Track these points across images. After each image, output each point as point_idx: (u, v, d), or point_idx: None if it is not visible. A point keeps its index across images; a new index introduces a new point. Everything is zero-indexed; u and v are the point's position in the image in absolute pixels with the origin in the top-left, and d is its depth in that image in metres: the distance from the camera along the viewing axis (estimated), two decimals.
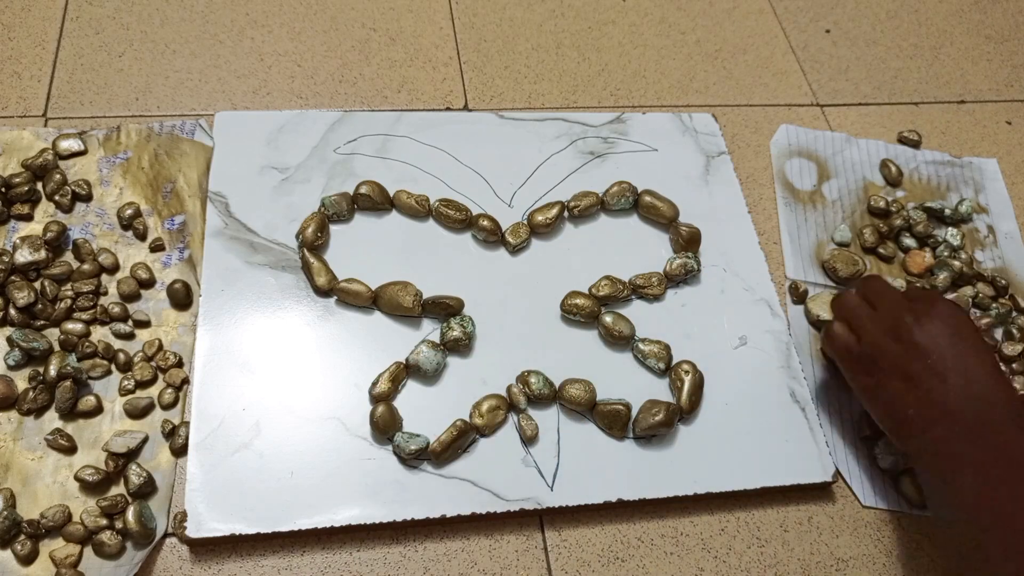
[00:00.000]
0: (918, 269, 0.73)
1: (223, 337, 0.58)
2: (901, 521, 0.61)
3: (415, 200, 0.67)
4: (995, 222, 0.80)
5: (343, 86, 0.75)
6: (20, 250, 0.58)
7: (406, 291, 0.61)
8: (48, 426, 0.54)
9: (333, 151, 0.69)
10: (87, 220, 0.63)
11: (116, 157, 0.66)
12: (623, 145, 0.75)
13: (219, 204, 0.64)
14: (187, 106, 0.71)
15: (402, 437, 0.56)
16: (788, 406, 0.63)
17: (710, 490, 0.58)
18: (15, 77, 0.70)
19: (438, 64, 0.79)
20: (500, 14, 0.84)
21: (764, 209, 0.76)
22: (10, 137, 0.66)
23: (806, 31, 0.91)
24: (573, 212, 0.69)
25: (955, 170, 0.82)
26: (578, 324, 0.64)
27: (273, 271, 0.62)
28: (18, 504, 0.52)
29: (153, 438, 0.55)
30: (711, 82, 0.84)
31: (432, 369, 0.59)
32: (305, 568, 0.53)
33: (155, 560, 0.52)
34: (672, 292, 0.67)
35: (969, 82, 0.90)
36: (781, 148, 0.80)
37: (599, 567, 0.56)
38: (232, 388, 0.57)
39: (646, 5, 0.89)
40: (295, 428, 0.56)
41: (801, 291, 0.70)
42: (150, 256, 0.62)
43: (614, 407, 0.59)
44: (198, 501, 0.52)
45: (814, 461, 0.61)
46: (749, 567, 0.57)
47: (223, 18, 0.78)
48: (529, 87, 0.79)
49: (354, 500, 0.54)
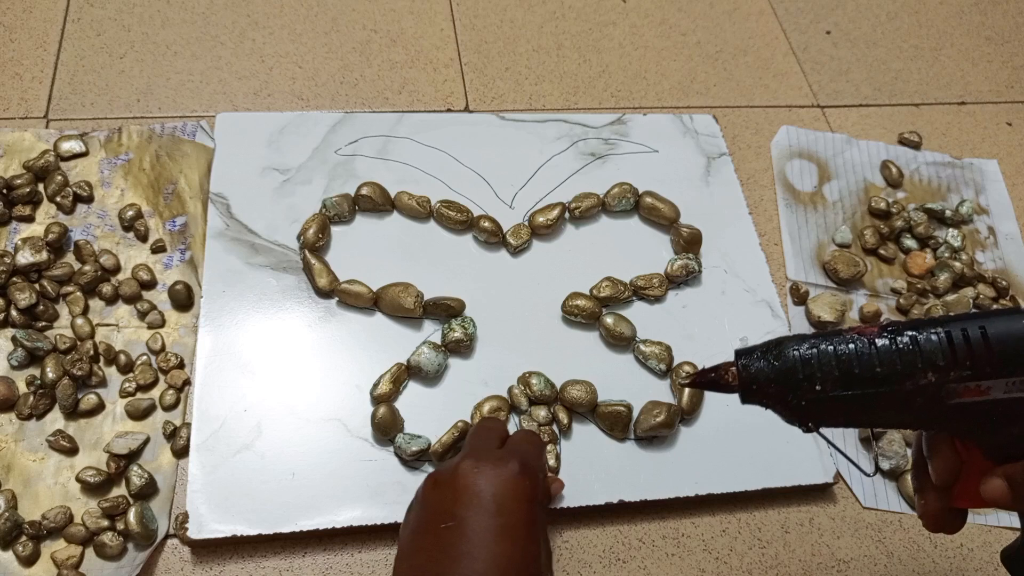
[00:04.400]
0: (919, 270, 0.73)
1: (224, 338, 0.59)
2: (902, 522, 0.61)
3: (416, 201, 0.67)
4: (996, 223, 0.80)
5: (344, 87, 0.75)
6: (22, 251, 0.58)
7: (407, 292, 0.61)
8: (49, 427, 0.54)
9: (334, 152, 0.69)
10: (88, 221, 0.63)
11: (117, 158, 0.66)
12: (624, 146, 0.75)
13: (220, 205, 0.64)
14: (188, 107, 0.71)
15: (403, 438, 0.56)
16: None
17: (711, 491, 0.58)
18: (16, 79, 0.70)
19: (439, 65, 0.79)
20: (501, 16, 0.84)
21: (765, 210, 0.76)
22: (12, 139, 0.66)
23: (807, 32, 0.91)
24: (574, 213, 0.69)
25: (956, 171, 0.82)
26: (579, 325, 0.64)
27: (274, 272, 0.62)
28: (19, 505, 0.52)
29: (154, 439, 0.55)
30: (712, 83, 0.84)
31: (433, 370, 0.59)
32: (306, 569, 0.53)
33: (156, 561, 0.52)
34: (673, 293, 0.67)
35: (970, 83, 0.91)
36: (782, 149, 0.80)
37: (600, 568, 0.56)
38: (233, 389, 0.57)
39: (647, 6, 0.89)
40: (296, 429, 0.56)
41: (802, 292, 0.70)
42: (151, 257, 0.62)
43: (615, 408, 0.59)
44: (199, 502, 0.52)
45: (815, 462, 0.61)
46: (751, 568, 0.57)
47: (224, 20, 0.78)
48: (530, 88, 0.79)
49: (355, 501, 0.54)
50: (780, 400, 0.39)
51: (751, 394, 0.40)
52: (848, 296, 0.71)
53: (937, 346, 0.37)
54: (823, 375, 0.38)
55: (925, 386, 0.37)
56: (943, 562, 0.60)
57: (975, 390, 0.37)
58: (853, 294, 0.72)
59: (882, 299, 0.72)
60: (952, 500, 0.42)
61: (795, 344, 0.39)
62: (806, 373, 0.38)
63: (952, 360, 0.37)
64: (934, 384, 0.37)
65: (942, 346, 0.37)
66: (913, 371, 0.37)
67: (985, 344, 0.37)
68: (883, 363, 0.37)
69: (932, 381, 0.37)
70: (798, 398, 0.39)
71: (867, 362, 0.38)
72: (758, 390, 0.39)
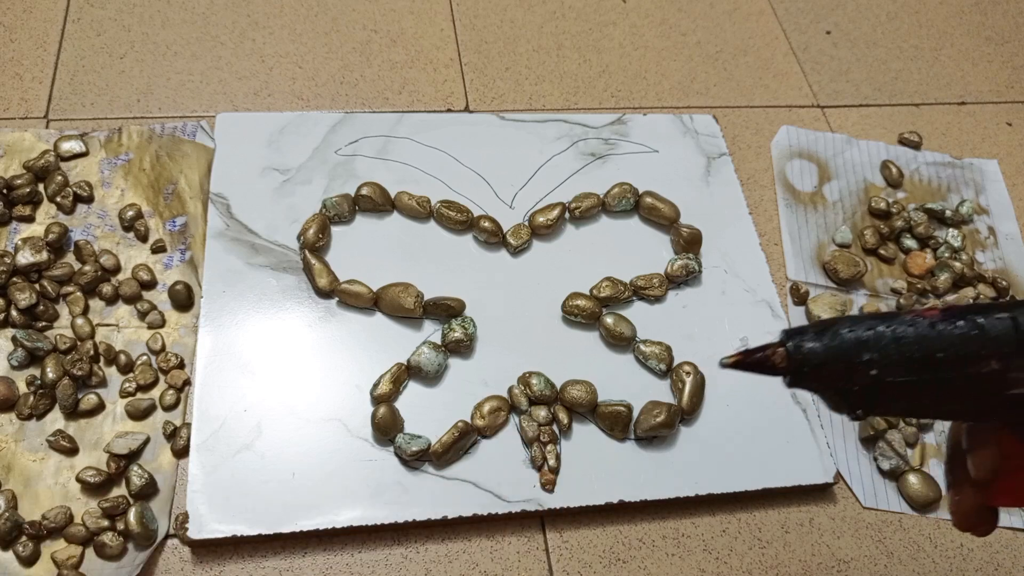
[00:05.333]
0: (919, 270, 0.73)
1: (224, 338, 0.59)
2: (902, 522, 0.61)
3: (416, 201, 0.67)
4: (996, 223, 0.80)
5: (344, 87, 0.75)
6: (22, 252, 0.58)
7: (407, 292, 0.61)
8: (50, 427, 0.54)
9: (334, 152, 0.69)
10: (88, 222, 0.63)
11: (117, 159, 0.66)
12: (624, 146, 0.75)
13: (220, 205, 0.64)
14: (188, 107, 0.71)
15: (403, 438, 0.56)
16: (789, 407, 0.63)
17: (711, 491, 0.58)
18: (17, 79, 0.70)
19: (439, 66, 0.79)
20: (501, 16, 0.84)
21: (765, 210, 0.76)
22: (12, 139, 0.66)
23: (807, 32, 0.91)
24: (574, 213, 0.69)
25: (956, 171, 0.82)
26: (579, 325, 0.64)
27: (274, 272, 0.62)
28: (20, 505, 0.52)
29: (154, 439, 0.55)
30: (712, 83, 0.84)
31: (433, 370, 0.59)
32: (307, 569, 0.53)
33: (156, 561, 0.52)
34: (673, 293, 0.67)
35: (969, 83, 0.91)
36: (782, 149, 0.80)
37: (600, 568, 0.56)
38: (233, 389, 0.57)
39: (647, 7, 0.89)
40: (296, 429, 0.56)
41: (802, 292, 0.70)
42: (151, 257, 0.62)
43: (615, 408, 0.59)
44: (199, 502, 0.52)
45: (815, 462, 0.61)
46: (751, 568, 0.57)
47: (224, 20, 0.78)
48: (530, 88, 0.79)
49: (355, 501, 0.54)
50: (832, 385, 0.37)
51: (801, 377, 0.37)
52: (848, 296, 0.71)
53: (1004, 331, 0.35)
54: (880, 359, 0.36)
55: (987, 374, 0.35)
56: (943, 562, 0.60)
57: None
58: (853, 294, 0.72)
59: (882, 299, 0.72)
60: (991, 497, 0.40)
61: (850, 325, 0.37)
62: (861, 356, 0.36)
63: (1019, 347, 0.35)
64: (997, 372, 0.35)
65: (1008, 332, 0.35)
66: (977, 358, 0.35)
67: None
68: (945, 348, 0.35)
69: (996, 369, 0.35)
70: (851, 383, 0.36)
71: (928, 346, 0.36)
72: (809, 373, 0.37)
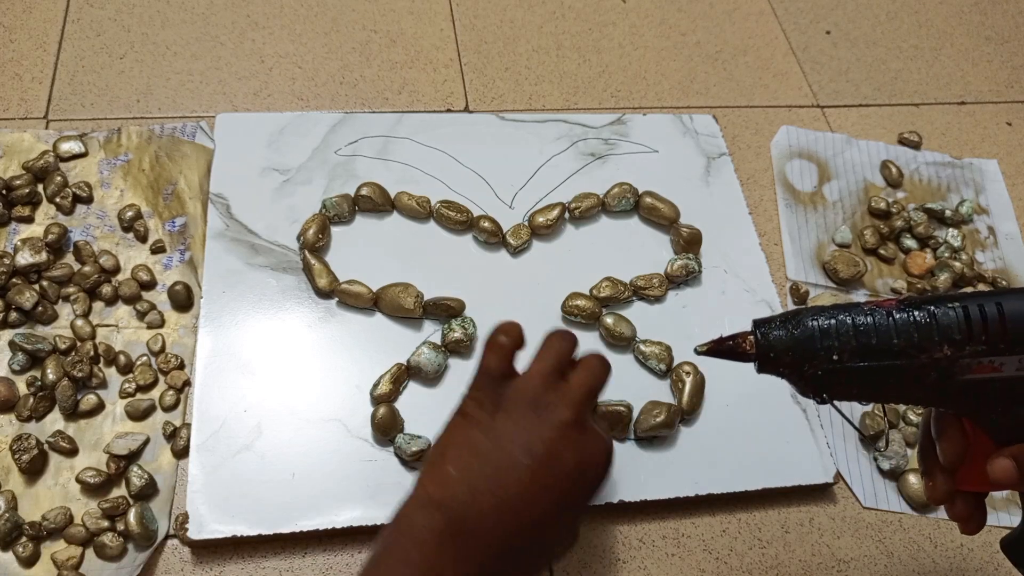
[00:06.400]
0: (919, 270, 0.73)
1: (224, 339, 0.58)
2: (902, 522, 0.61)
3: (416, 202, 0.67)
4: (996, 223, 0.80)
5: (344, 88, 0.75)
6: (21, 252, 0.58)
7: (407, 292, 0.61)
8: (49, 428, 0.54)
9: (334, 153, 0.69)
10: (88, 222, 0.63)
11: (117, 159, 0.66)
12: (624, 146, 0.75)
13: (220, 206, 0.64)
14: (188, 108, 0.71)
15: (403, 439, 0.56)
16: (789, 407, 0.63)
17: (711, 491, 0.58)
18: (16, 79, 0.70)
19: (439, 66, 0.79)
20: (501, 16, 0.84)
21: (765, 210, 0.76)
22: (11, 139, 0.66)
23: (806, 32, 0.91)
24: (574, 213, 0.69)
25: (955, 171, 0.82)
26: (579, 325, 0.64)
27: (274, 273, 0.62)
28: (20, 506, 0.52)
29: (154, 440, 0.55)
30: (712, 83, 0.84)
31: (433, 370, 0.59)
32: (307, 570, 0.53)
33: (156, 562, 0.52)
34: (673, 293, 0.67)
35: (969, 83, 0.91)
36: (782, 149, 0.80)
37: (600, 568, 0.56)
38: (233, 390, 0.57)
39: (646, 7, 0.89)
40: (296, 430, 0.56)
41: (802, 292, 0.70)
42: (151, 258, 0.62)
43: (615, 408, 0.59)
44: (199, 503, 0.52)
45: (815, 462, 0.61)
46: (751, 568, 0.57)
47: (224, 20, 0.78)
48: (530, 88, 0.79)
49: (356, 501, 0.54)
50: (796, 369, 0.39)
51: (768, 363, 0.40)
52: (848, 296, 0.71)
53: (954, 320, 0.38)
54: (840, 345, 0.38)
55: (940, 360, 0.38)
56: (943, 562, 0.60)
57: (988, 366, 0.38)
58: (853, 294, 0.72)
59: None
60: (959, 482, 0.42)
61: (813, 314, 0.39)
62: (824, 343, 0.39)
63: (968, 335, 0.37)
64: (949, 358, 0.38)
65: (959, 320, 0.38)
66: (929, 344, 0.38)
67: (1001, 320, 0.37)
68: (900, 335, 0.38)
69: (947, 355, 0.38)
70: (814, 368, 0.39)
71: (885, 334, 0.38)
72: (775, 359, 0.40)
